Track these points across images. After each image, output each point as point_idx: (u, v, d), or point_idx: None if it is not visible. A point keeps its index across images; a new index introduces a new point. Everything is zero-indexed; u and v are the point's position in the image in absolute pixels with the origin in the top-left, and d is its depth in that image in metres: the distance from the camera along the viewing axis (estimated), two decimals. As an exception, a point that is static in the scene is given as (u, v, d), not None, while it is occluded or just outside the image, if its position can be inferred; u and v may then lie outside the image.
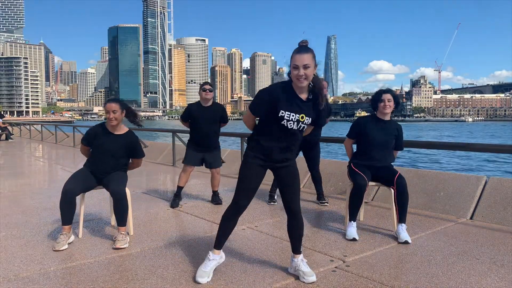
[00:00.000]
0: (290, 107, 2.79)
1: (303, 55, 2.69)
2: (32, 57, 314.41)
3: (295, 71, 2.70)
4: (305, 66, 2.67)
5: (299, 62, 2.68)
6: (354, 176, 4.05)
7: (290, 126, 2.81)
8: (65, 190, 3.67)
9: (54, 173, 8.98)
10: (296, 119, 2.80)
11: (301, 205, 5.28)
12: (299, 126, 2.84)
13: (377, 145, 4.10)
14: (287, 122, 2.79)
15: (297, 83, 2.73)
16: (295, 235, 3.04)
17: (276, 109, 2.77)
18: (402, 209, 3.91)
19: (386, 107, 4.04)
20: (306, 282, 2.86)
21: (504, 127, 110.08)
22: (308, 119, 2.85)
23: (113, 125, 3.88)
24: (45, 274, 3.05)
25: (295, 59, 2.70)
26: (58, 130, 18.90)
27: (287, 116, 2.78)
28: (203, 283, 2.84)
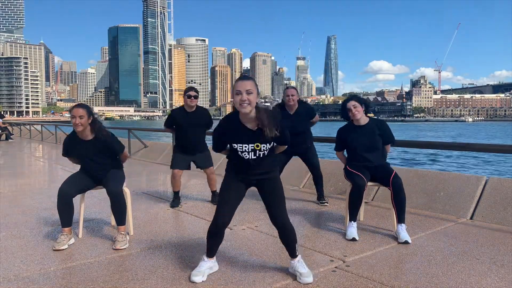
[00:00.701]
0: (240, 139, 2.82)
1: (245, 81, 2.73)
2: (32, 57, 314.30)
3: (237, 97, 2.70)
4: (247, 92, 2.69)
5: (241, 88, 2.70)
6: (352, 176, 4.05)
7: (247, 157, 2.84)
8: (60, 192, 3.66)
9: (54, 173, 8.98)
10: (251, 149, 2.82)
11: (301, 205, 5.34)
12: (258, 154, 2.84)
13: (363, 150, 4.11)
14: (242, 154, 2.83)
15: (240, 109, 2.72)
16: (287, 243, 3.01)
17: (230, 143, 2.86)
18: (400, 209, 3.90)
19: (355, 114, 4.06)
20: (302, 283, 2.87)
21: (505, 127, 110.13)
22: (266, 145, 2.84)
23: (80, 131, 3.71)
24: (45, 274, 3.05)
25: (237, 85, 2.73)
26: (58, 130, 18.90)
27: (240, 148, 2.82)
28: (198, 282, 2.85)
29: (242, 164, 2.90)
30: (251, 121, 2.80)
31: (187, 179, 7.39)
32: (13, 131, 22.89)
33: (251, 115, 2.78)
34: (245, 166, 2.91)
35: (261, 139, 2.80)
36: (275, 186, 2.97)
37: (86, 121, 3.68)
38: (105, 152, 3.88)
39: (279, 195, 2.96)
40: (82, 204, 4.10)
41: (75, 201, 4.08)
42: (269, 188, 2.96)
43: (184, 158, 5.30)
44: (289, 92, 5.21)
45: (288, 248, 3.03)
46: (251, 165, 2.88)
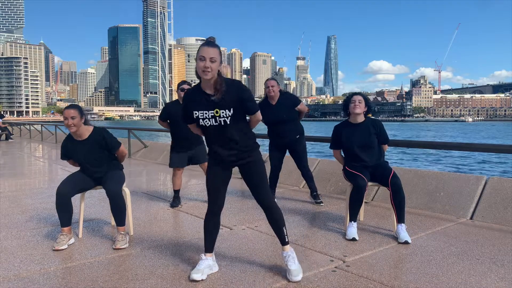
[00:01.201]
0: (200, 106, 2.84)
1: (210, 48, 2.72)
2: (32, 57, 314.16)
3: (201, 63, 2.70)
4: (211, 60, 2.69)
5: (206, 54, 2.70)
6: (353, 177, 4.03)
7: (208, 124, 2.84)
8: (58, 192, 3.66)
9: (54, 173, 8.98)
10: (211, 115, 2.82)
11: (301, 205, 5.33)
12: (219, 121, 2.83)
13: (359, 150, 4.10)
14: (203, 121, 2.85)
15: (202, 75, 2.73)
16: (275, 226, 3.06)
17: (191, 112, 2.87)
18: (399, 209, 3.90)
19: (356, 107, 4.05)
20: (291, 281, 2.87)
21: (506, 127, 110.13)
22: (225, 111, 2.80)
23: (73, 132, 3.73)
24: (45, 274, 3.05)
25: (201, 50, 2.72)
26: (58, 130, 18.90)
27: (201, 115, 2.84)
28: (197, 280, 2.86)
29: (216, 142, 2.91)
30: (211, 88, 2.82)
31: (187, 179, 7.39)
32: (13, 131, 22.89)
33: (212, 82, 2.80)
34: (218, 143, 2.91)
35: (219, 105, 2.80)
36: (257, 167, 2.98)
37: (78, 121, 3.68)
38: (101, 150, 3.86)
39: (261, 177, 3.00)
40: (82, 204, 4.10)
41: (75, 201, 4.08)
42: (251, 170, 2.98)
43: (181, 155, 5.29)
44: (269, 83, 5.28)
45: (276, 231, 3.06)
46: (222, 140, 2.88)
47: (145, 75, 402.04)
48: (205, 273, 2.95)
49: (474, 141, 29.91)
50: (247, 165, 2.98)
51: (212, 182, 3.02)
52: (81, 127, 3.75)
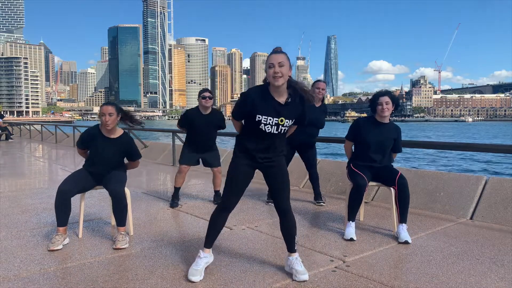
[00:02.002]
0: (267, 111, 2.81)
1: (278, 55, 2.75)
2: (32, 57, 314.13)
3: (270, 70, 2.73)
4: (280, 64, 2.71)
5: (274, 61, 2.73)
6: (354, 176, 4.04)
7: (268, 130, 2.84)
8: (59, 191, 3.65)
9: (54, 173, 8.98)
10: (274, 123, 2.83)
11: (301, 205, 5.34)
12: (279, 130, 2.86)
13: (374, 148, 4.09)
14: (264, 126, 2.83)
15: (273, 81, 2.74)
16: (287, 234, 3.06)
17: (253, 114, 2.82)
18: (403, 209, 3.91)
19: (384, 110, 3.99)
20: (298, 280, 2.88)
21: (506, 127, 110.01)
22: (289, 121, 2.87)
23: (108, 129, 3.82)
24: (45, 274, 3.05)
25: (270, 58, 2.77)
26: (58, 130, 18.90)
27: (264, 120, 2.81)
28: (196, 281, 2.86)
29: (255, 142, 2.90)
30: (281, 95, 2.82)
31: (187, 179, 7.38)
32: (13, 131, 22.89)
33: (282, 89, 2.80)
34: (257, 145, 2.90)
35: (286, 114, 2.83)
36: (283, 172, 3.00)
37: (115, 118, 3.78)
38: (122, 153, 3.95)
39: (285, 182, 3.00)
40: (82, 204, 4.09)
41: (75, 201, 4.08)
42: (277, 174, 2.98)
43: (193, 154, 5.33)
44: (321, 85, 5.32)
45: (287, 240, 3.06)
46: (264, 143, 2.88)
47: (145, 75, 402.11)
48: (203, 272, 2.95)
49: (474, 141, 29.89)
50: (273, 168, 2.99)
51: (237, 179, 2.97)
52: (115, 125, 3.85)
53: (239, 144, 3.00)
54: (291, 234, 3.04)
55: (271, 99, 2.82)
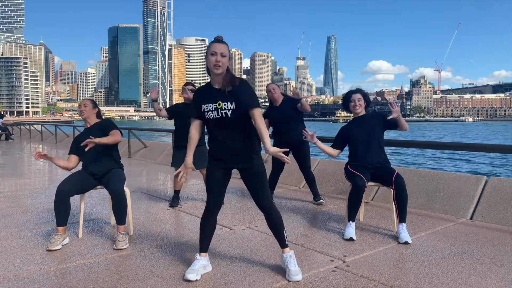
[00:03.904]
0: (207, 99, 2.93)
1: (221, 45, 2.87)
2: (32, 57, 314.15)
3: (212, 57, 2.84)
4: (222, 54, 2.84)
5: (217, 50, 2.83)
6: (352, 177, 4.05)
7: (211, 116, 2.91)
8: (58, 191, 3.66)
9: (54, 173, 8.98)
10: (213, 108, 2.89)
11: (301, 205, 5.34)
12: (220, 114, 2.88)
13: (364, 141, 4.14)
14: (207, 114, 2.92)
15: (213, 69, 2.85)
16: (274, 230, 3.08)
17: (200, 106, 2.97)
18: (401, 208, 3.91)
19: (356, 107, 4.19)
20: (290, 281, 2.88)
21: (506, 127, 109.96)
22: (227, 104, 2.86)
23: (84, 118, 4.12)
24: (45, 274, 3.05)
25: (213, 46, 2.85)
26: (58, 130, 18.90)
27: (206, 107, 2.92)
28: (192, 280, 2.87)
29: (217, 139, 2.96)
30: (219, 83, 2.93)
31: (187, 179, 7.38)
32: (13, 131, 22.88)
33: (220, 77, 2.91)
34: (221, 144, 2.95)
35: (223, 98, 2.88)
36: (257, 171, 3.00)
37: (90, 109, 4.12)
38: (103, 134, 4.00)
39: (261, 180, 3.01)
40: (82, 204, 4.09)
41: (75, 201, 4.08)
42: (251, 174, 3.00)
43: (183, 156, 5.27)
44: (270, 87, 5.47)
45: (276, 235, 3.08)
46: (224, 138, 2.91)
47: (145, 75, 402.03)
48: (200, 273, 2.95)
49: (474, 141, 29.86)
50: (248, 169, 2.99)
51: (212, 181, 3.03)
52: (92, 116, 4.14)
53: (209, 147, 3.11)
54: (278, 229, 3.06)
55: (209, 87, 2.98)
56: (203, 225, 3.08)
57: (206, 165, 5.37)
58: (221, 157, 2.99)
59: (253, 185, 3.01)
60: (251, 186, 3.03)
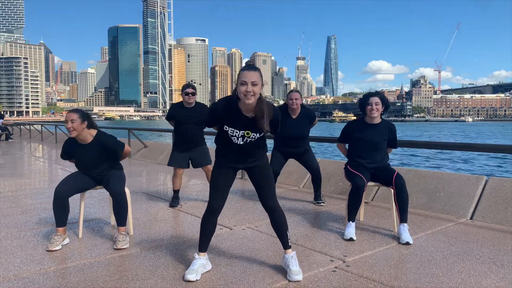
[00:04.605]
0: (233, 124, 2.86)
1: (252, 72, 2.75)
2: (32, 57, 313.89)
3: (242, 87, 2.72)
4: (253, 83, 2.71)
5: (247, 79, 2.72)
6: (352, 177, 4.05)
7: (235, 141, 2.90)
8: (56, 192, 3.65)
9: (54, 173, 8.98)
10: (241, 135, 2.88)
11: (301, 205, 5.34)
12: (245, 140, 2.90)
13: (367, 150, 4.10)
14: (232, 137, 2.90)
15: (244, 99, 2.74)
16: (278, 231, 3.10)
17: (222, 124, 2.91)
18: (402, 208, 3.91)
19: (373, 111, 4.00)
20: (291, 280, 2.88)
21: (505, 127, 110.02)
22: (256, 134, 2.90)
23: (74, 136, 3.71)
24: (45, 274, 3.05)
25: (243, 75, 2.74)
26: (58, 130, 18.90)
27: (231, 132, 2.88)
28: (192, 280, 2.87)
29: (230, 148, 2.96)
30: (249, 110, 2.84)
31: (187, 179, 7.39)
32: (13, 131, 22.88)
33: (251, 106, 2.82)
34: (232, 151, 2.97)
35: (252, 128, 2.87)
36: (265, 171, 3.04)
37: (78, 125, 3.66)
38: (104, 154, 3.86)
39: (269, 180, 3.04)
40: (82, 204, 4.09)
41: (75, 201, 4.07)
42: (259, 174, 3.03)
43: (183, 155, 5.29)
44: (293, 96, 5.19)
45: (280, 236, 3.09)
46: (237, 149, 2.94)
47: (145, 75, 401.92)
48: (199, 272, 2.96)
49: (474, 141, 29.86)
50: (255, 168, 3.03)
51: (218, 181, 3.03)
52: (83, 132, 3.73)
53: (217, 147, 3.08)
54: (282, 230, 3.08)
55: (238, 112, 2.85)
56: (204, 225, 3.08)
57: (209, 162, 5.41)
58: (231, 157, 3.00)
59: (260, 185, 3.04)
60: (258, 186, 3.05)
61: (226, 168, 3.03)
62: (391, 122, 4.32)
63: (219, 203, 3.04)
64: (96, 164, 3.85)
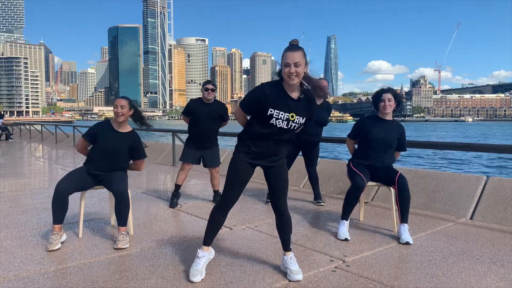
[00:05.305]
0: (280, 106, 2.81)
1: (294, 53, 2.74)
2: (32, 57, 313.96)
3: (286, 69, 2.73)
4: (296, 64, 2.71)
5: (290, 60, 2.72)
6: (353, 176, 4.04)
7: (279, 125, 2.83)
8: (57, 189, 3.65)
9: (54, 173, 8.98)
10: (286, 118, 2.82)
11: (301, 205, 5.34)
12: (290, 125, 2.85)
13: (378, 144, 4.07)
14: (276, 121, 2.81)
15: (288, 80, 2.75)
16: (283, 233, 3.08)
17: (266, 108, 2.80)
18: (404, 208, 3.90)
19: (386, 107, 4.01)
20: (291, 280, 2.88)
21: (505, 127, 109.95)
22: (299, 118, 2.86)
23: (120, 121, 3.85)
24: (45, 274, 3.05)
25: (286, 56, 2.74)
26: (58, 130, 18.90)
27: (276, 114, 2.80)
28: (197, 282, 2.86)
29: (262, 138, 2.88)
30: (294, 91, 2.83)
31: (187, 179, 7.39)
32: (13, 131, 22.88)
33: (296, 86, 2.81)
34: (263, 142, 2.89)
35: (297, 110, 2.83)
36: (283, 172, 3.03)
37: (127, 111, 3.85)
38: (128, 149, 3.94)
39: (285, 182, 3.03)
40: (82, 204, 4.09)
41: (75, 201, 4.07)
42: (277, 174, 3.01)
43: (195, 151, 5.33)
44: (325, 83, 5.17)
45: (282, 239, 3.08)
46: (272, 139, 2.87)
47: (145, 75, 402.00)
48: (204, 272, 2.95)
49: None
50: (275, 167, 3.00)
51: (236, 177, 2.95)
52: (126, 119, 3.91)
53: (242, 140, 2.98)
54: (287, 233, 3.07)
55: (284, 94, 2.82)
56: (213, 219, 3.01)
57: (219, 164, 5.44)
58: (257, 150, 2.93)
59: (275, 187, 3.02)
60: (273, 187, 3.03)
61: (245, 164, 2.95)
62: (401, 124, 4.30)
63: (234, 199, 2.98)
64: (114, 153, 3.87)
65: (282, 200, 3.02)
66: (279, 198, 3.02)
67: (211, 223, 3.03)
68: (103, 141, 3.89)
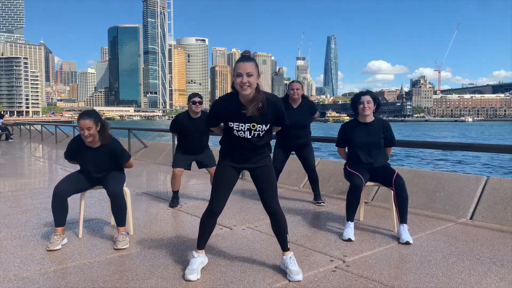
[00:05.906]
0: (237, 118, 2.85)
1: (246, 64, 2.77)
2: (32, 57, 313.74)
3: (238, 79, 2.75)
4: (248, 74, 2.73)
5: (243, 70, 2.74)
6: (350, 176, 4.05)
7: (242, 136, 2.88)
8: (55, 192, 3.65)
9: (54, 173, 8.98)
10: (247, 128, 2.87)
11: (301, 205, 5.34)
12: (253, 134, 2.89)
13: (364, 149, 4.10)
14: (237, 132, 2.88)
15: (241, 91, 2.77)
16: (278, 233, 3.10)
17: (225, 121, 2.90)
18: (402, 209, 3.90)
19: (365, 109, 4.04)
20: (291, 280, 2.89)
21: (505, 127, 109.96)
22: (262, 126, 2.88)
23: (89, 142, 3.70)
24: (45, 274, 3.05)
25: (238, 67, 2.76)
26: (58, 130, 18.90)
27: (236, 126, 2.87)
28: (193, 280, 2.88)
29: (236, 146, 2.95)
30: (250, 102, 2.83)
31: (187, 179, 7.39)
32: (13, 131, 22.88)
33: (251, 96, 2.82)
34: (238, 150, 2.96)
35: (257, 119, 2.86)
36: (268, 173, 3.04)
37: (94, 130, 3.65)
38: (110, 160, 3.88)
39: (272, 182, 3.05)
40: (82, 204, 4.09)
41: (75, 201, 4.06)
42: (263, 175, 3.03)
43: (186, 157, 5.32)
44: (294, 86, 5.26)
45: (279, 238, 3.09)
46: (244, 147, 2.93)
47: (145, 75, 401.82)
48: (199, 271, 2.97)
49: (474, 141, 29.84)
50: (259, 169, 3.03)
51: (220, 182, 3.02)
52: (96, 136, 3.71)
53: (222, 147, 3.06)
54: (282, 233, 3.08)
55: (240, 105, 2.84)
56: (203, 225, 3.08)
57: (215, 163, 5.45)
58: (236, 157, 3.00)
59: (263, 187, 3.03)
60: (260, 188, 3.05)
61: (229, 169, 3.02)
62: (384, 119, 4.31)
63: (220, 204, 3.03)
64: (99, 169, 3.86)
65: (273, 200, 3.03)
66: (270, 199, 3.03)
67: (201, 229, 3.08)
68: (82, 160, 3.87)
